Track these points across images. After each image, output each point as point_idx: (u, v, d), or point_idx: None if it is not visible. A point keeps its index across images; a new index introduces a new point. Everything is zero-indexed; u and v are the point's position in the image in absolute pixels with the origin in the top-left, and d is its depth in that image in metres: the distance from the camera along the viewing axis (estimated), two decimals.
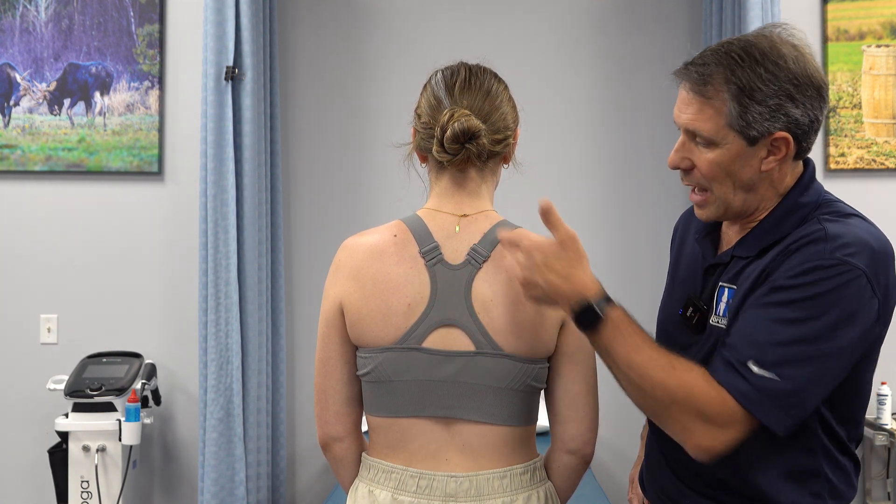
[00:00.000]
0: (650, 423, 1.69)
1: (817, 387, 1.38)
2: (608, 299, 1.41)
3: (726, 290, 1.50)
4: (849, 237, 1.39)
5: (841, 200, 1.52)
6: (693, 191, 1.53)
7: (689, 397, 1.36)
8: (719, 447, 1.37)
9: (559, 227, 1.42)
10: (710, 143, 1.45)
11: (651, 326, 1.86)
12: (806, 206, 1.48)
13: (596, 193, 3.70)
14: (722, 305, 1.50)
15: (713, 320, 1.51)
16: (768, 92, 1.41)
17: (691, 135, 1.47)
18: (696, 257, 1.63)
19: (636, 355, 1.38)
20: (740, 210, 1.51)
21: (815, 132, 1.47)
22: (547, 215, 1.42)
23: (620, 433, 3.46)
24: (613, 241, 3.68)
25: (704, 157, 1.46)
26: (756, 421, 1.37)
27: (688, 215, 1.76)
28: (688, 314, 1.56)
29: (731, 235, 1.58)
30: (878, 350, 1.47)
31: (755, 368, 1.35)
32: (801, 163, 1.52)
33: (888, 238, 1.45)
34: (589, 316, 1.39)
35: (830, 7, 3.55)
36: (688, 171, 1.50)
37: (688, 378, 1.37)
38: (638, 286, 3.57)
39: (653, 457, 1.67)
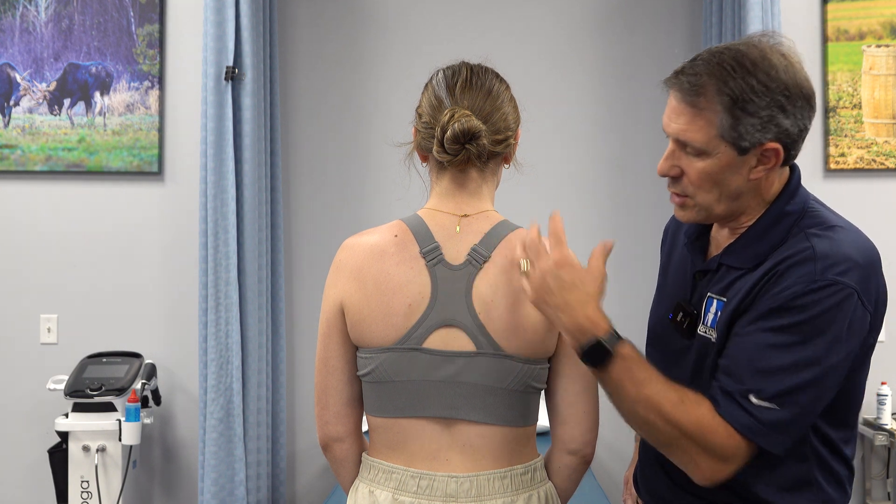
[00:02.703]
0: None
1: (816, 406, 1.41)
2: (617, 335, 1.41)
3: (715, 301, 1.50)
4: (837, 255, 1.39)
5: (825, 206, 1.53)
6: (674, 193, 1.53)
7: (697, 433, 1.38)
8: (723, 477, 1.40)
9: (599, 261, 1.44)
10: (701, 153, 1.44)
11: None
12: (792, 215, 1.48)
13: (596, 193, 3.70)
14: (710, 316, 1.50)
15: (701, 329, 1.52)
16: (760, 104, 1.40)
17: (681, 144, 1.46)
18: (686, 262, 1.63)
19: (645, 390, 1.39)
20: (723, 216, 1.51)
21: (803, 140, 1.47)
22: (601, 250, 1.44)
23: (620, 433, 3.44)
24: (614, 241, 3.67)
25: (694, 167, 1.45)
26: (757, 447, 1.39)
27: (672, 223, 1.77)
28: (677, 319, 1.56)
29: (720, 240, 1.58)
30: (870, 355, 1.49)
31: (755, 400, 1.37)
32: (787, 168, 1.52)
33: (873, 244, 1.46)
34: (598, 352, 1.40)
35: (830, 7, 3.55)
36: (676, 178, 1.50)
37: (697, 414, 1.39)
38: (637, 286, 3.57)
39: (647, 459, 1.67)
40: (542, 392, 1.58)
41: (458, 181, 1.55)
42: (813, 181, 3.38)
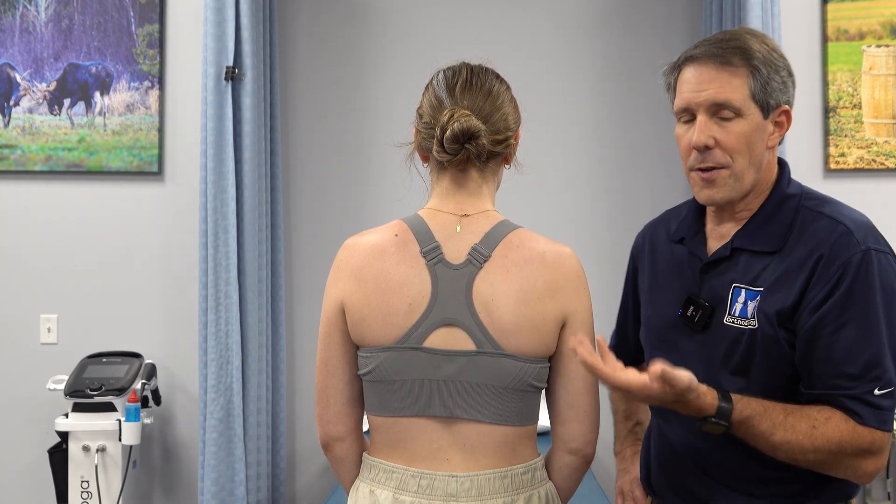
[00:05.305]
0: (658, 421, 1.68)
1: None
2: (726, 399, 1.41)
3: (744, 290, 1.52)
4: (864, 226, 1.48)
5: (814, 190, 1.61)
6: (703, 172, 1.54)
7: (847, 447, 1.42)
8: (883, 466, 1.45)
9: (676, 384, 1.36)
10: (738, 114, 1.50)
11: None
12: (794, 197, 1.56)
13: (597, 193, 3.70)
14: (738, 306, 1.52)
15: (727, 320, 1.53)
16: (780, 64, 1.52)
17: (716, 109, 1.51)
18: (682, 259, 1.64)
19: (775, 437, 1.42)
20: (747, 190, 1.55)
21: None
22: (665, 376, 1.36)
23: None
24: (615, 241, 3.67)
25: (732, 131, 1.50)
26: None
27: (646, 233, 1.79)
28: (688, 313, 1.57)
29: (721, 232, 1.60)
30: None
31: (878, 392, 1.42)
32: (776, 164, 1.60)
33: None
34: (714, 428, 1.42)
35: (830, 7, 3.55)
36: (707, 150, 1.52)
37: (836, 431, 1.41)
38: None
39: (666, 458, 1.65)
40: (543, 391, 1.58)
41: (459, 181, 1.56)
42: (813, 181, 3.37)
